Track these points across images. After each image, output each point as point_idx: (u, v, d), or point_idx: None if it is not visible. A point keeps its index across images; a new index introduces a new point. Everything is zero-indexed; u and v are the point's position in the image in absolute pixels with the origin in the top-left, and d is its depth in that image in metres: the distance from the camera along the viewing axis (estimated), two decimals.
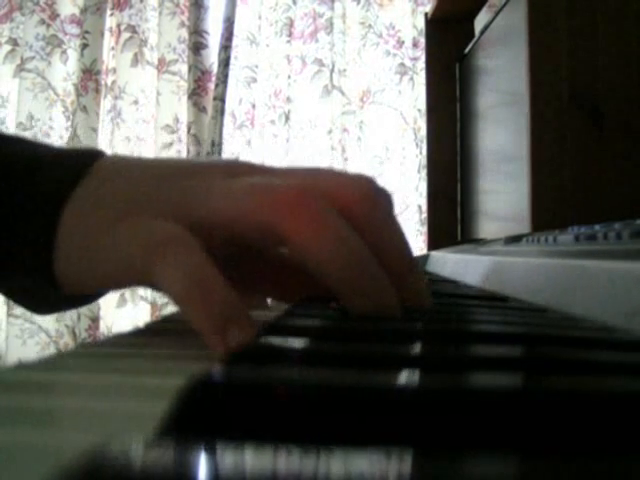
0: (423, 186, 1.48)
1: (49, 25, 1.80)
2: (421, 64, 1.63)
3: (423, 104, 1.43)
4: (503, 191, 0.89)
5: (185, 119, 1.72)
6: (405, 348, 0.18)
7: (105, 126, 1.79)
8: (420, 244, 1.59)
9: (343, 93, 1.71)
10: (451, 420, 0.11)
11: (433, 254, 0.99)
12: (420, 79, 1.63)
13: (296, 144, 1.71)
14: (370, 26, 1.71)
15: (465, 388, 0.13)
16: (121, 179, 0.28)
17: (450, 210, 1.20)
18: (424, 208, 1.44)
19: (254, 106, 1.72)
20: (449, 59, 1.20)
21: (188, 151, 1.70)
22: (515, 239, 0.61)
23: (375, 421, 0.12)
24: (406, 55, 1.71)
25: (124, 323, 1.71)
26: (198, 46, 1.70)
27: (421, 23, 1.56)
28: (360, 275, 0.25)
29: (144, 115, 1.78)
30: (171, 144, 1.74)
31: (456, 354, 0.18)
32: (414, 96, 1.68)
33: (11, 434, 0.12)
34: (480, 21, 1.16)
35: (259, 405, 0.12)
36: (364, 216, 0.27)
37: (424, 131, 1.33)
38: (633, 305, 0.25)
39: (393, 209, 0.29)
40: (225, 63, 1.65)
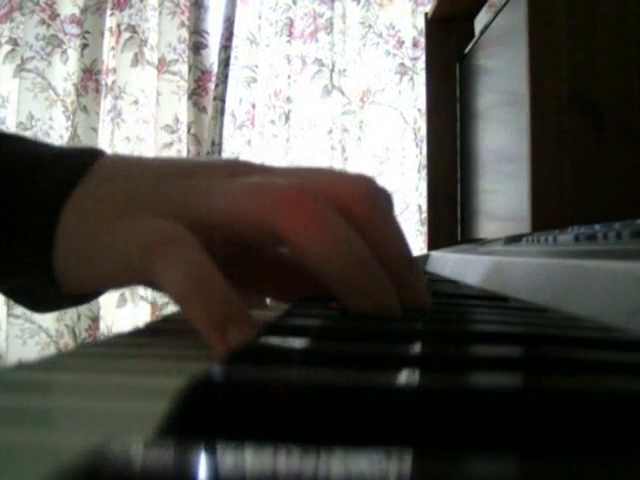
0: (423, 186, 1.48)
1: (49, 25, 1.80)
2: (421, 64, 1.63)
3: (423, 104, 1.43)
4: (503, 191, 0.89)
5: (185, 119, 1.72)
6: (405, 348, 0.18)
7: (105, 126, 1.79)
8: (420, 244, 1.59)
9: (343, 93, 1.71)
10: (451, 420, 0.11)
11: (433, 254, 0.99)
12: (420, 79, 1.63)
13: (296, 144, 1.71)
14: (370, 26, 1.71)
15: (465, 388, 0.13)
16: (121, 178, 0.28)
17: (450, 210, 1.20)
18: (424, 208, 1.44)
19: (254, 106, 1.72)
20: (449, 59, 1.20)
21: (188, 151, 1.70)
22: (515, 239, 0.61)
23: (375, 421, 0.12)
24: (406, 55, 1.71)
25: (124, 323, 1.71)
26: (198, 46, 1.70)
27: (421, 23, 1.56)
28: (360, 274, 0.25)
29: (144, 115, 1.78)
30: (171, 144, 1.74)
31: (456, 354, 0.18)
32: (414, 96, 1.68)
33: (11, 434, 0.12)
34: (480, 21, 1.16)
35: (259, 405, 0.12)
36: (364, 216, 0.27)
37: (424, 131, 1.33)
38: (633, 305, 0.25)
39: (393, 209, 0.29)
40: (225, 63, 1.66)
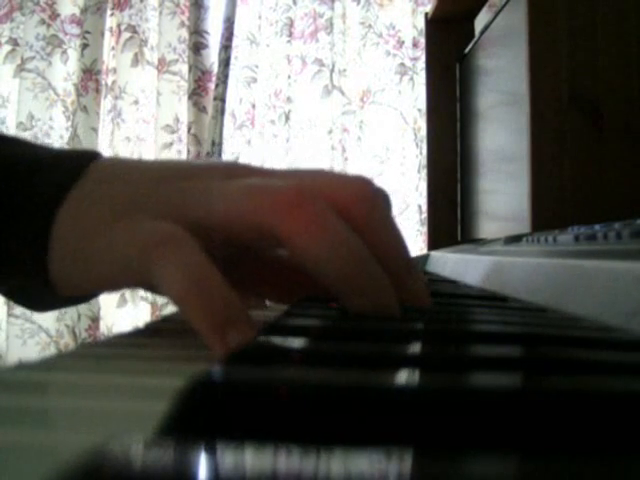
0: (423, 186, 1.48)
1: (49, 25, 1.80)
2: (421, 64, 1.63)
3: (423, 104, 1.43)
4: (503, 191, 0.89)
5: (185, 119, 1.72)
6: (405, 348, 0.18)
7: (105, 126, 1.79)
8: (420, 244, 1.59)
9: (343, 93, 1.71)
10: (451, 420, 0.11)
11: (433, 254, 0.99)
12: (420, 79, 1.63)
13: (296, 144, 1.71)
14: (370, 26, 1.71)
15: (465, 388, 0.13)
16: (118, 180, 0.28)
17: (450, 210, 1.20)
18: (424, 208, 1.44)
19: (254, 106, 1.72)
20: (449, 59, 1.20)
21: (188, 151, 1.70)
22: (515, 239, 0.61)
23: (375, 421, 0.12)
24: (406, 55, 1.71)
25: (124, 323, 1.71)
26: (198, 46, 1.70)
27: (421, 23, 1.56)
28: (359, 275, 0.25)
29: (144, 115, 1.78)
30: (171, 144, 1.74)
31: (456, 354, 0.18)
32: (414, 96, 1.68)
33: (11, 434, 0.12)
34: (480, 21, 1.16)
35: (259, 405, 0.12)
36: (362, 217, 0.27)
37: (424, 131, 1.33)
38: (633, 305, 0.25)
39: (391, 210, 0.29)
40: (225, 63, 1.65)
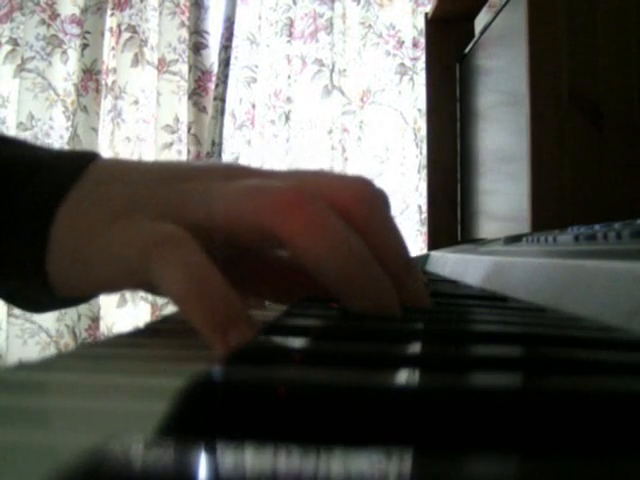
0: (423, 186, 1.48)
1: (49, 25, 1.80)
2: (421, 64, 1.63)
3: (423, 104, 1.43)
4: (503, 191, 0.89)
5: (185, 119, 1.72)
6: (405, 348, 0.18)
7: (105, 126, 1.79)
8: (420, 244, 1.59)
9: (343, 93, 1.71)
10: (451, 420, 0.11)
11: (433, 254, 0.99)
12: (420, 79, 1.63)
13: (296, 144, 1.71)
14: (370, 26, 1.71)
15: (465, 388, 0.13)
16: (116, 182, 0.28)
17: (450, 210, 1.20)
18: (424, 208, 1.44)
19: (254, 106, 1.72)
20: (449, 59, 1.20)
21: (188, 151, 1.70)
22: (515, 239, 0.61)
23: (375, 421, 0.12)
24: (406, 55, 1.71)
25: (124, 323, 1.71)
26: (198, 46, 1.70)
27: (421, 23, 1.56)
28: (360, 275, 0.25)
29: (144, 115, 1.78)
30: (171, 144, 1.74)
31: (456, 354, 0.18)
32: (414, 96, 1.68)
33: (11, 434, 0.12)
34: (480, 21, 1.16)
35: (259, 405, 0.12)
36: (362, 218, 0.27)
37: (424, 131, 1.33)
38: (633, 305, 0.25)
39: (390, 210, 0.29)
40: (225, 63, 1.65)
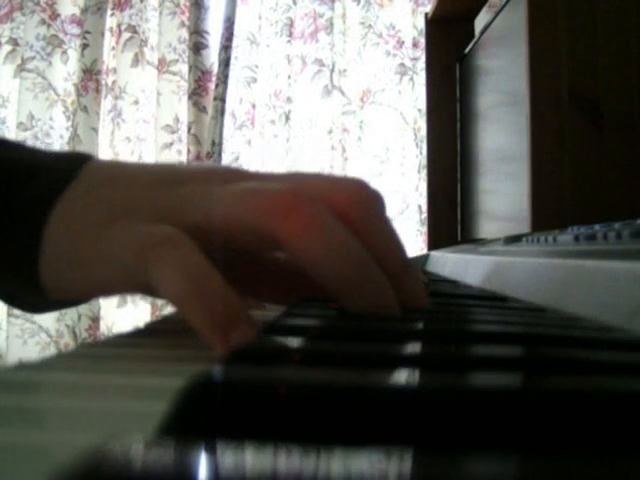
0: (423, 186, 1.48)
1: (50, 25, 1.80)
2: (421, 64, 1.63)
3: (423, 104, 1.43)
4: (503, 191, 0.89)
5: (185, 119, 1.72)
6: (405, 348, 0.18)
7: (105, 126, 1.79)
8: (420, 244, 1.59)
9: (343, 93, 1.71)
10: (451, 420, 0.11)
11: (433, 254, 0.99)
12: (420, 79, 1.63)
13: (296, 144, 1.71)
14: (370, 26, 1.71)
15: (465, 388, 0.13)
16: (112, 184, 0.28)
17: (450, 210, 1.20)
18: (424, 208, 1.44)
19: (254, 106, 1.72)
20: (449, 59, 1.20)
21: (188, 151, 1.70)
22: (515, 239, 0.61)
23: (375, 421, 0.12)
24: (406, 55, 1.70)
25: (124, 323, 1.71)
26: (198, 46, 1.70)
27: (421, 23, 1.56)
28: (359, 277, 0.25)
29: (144, 115, 1.78)
30: (171, 144, 1.74)
31: (456, 354, 0.18)
32: (414, 96, 1.68)
33: (11, 434, 0.12)
34: (480, 21, 1.16)
35: (259, 405, 0.12)
36: (360, 220, 0.27)
37: (424, 131, 1.33)
38: (633, 305, 0.25)
39: (386, 211, 0.29)
40: (225, 63, 1.65)
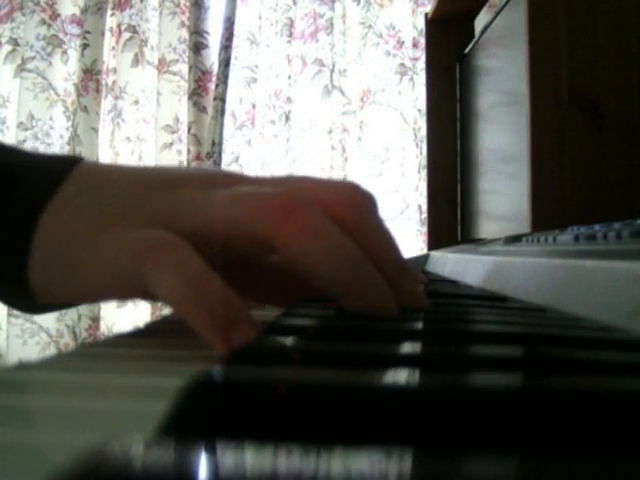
0: (423, 186, 1.48)
1: (50, 25, 1.80)
2: (421, 64, 1.62)
3: (423, 104, 1.43)
4: (503, 191, 0.89)
5: (185, 119, 1.72)
6: (405, 348, 0.18)
7: (106, 126, 1.79)
8: (420, 244, 1.59)
9: (343, 93, 1.71)
10: (451, 420, 0.11)
11: (433, 254, 0.99)
12: (420, 79, 1.63)
13: (296, 144, 1.71)
14: (370, 26, 1.71)
15: (465, 388, 0.13)
16: (103, 188, 0.27)
17: (450, 210, 1.20)
18: (424, 208, 1.44)
19: (254, 106, 1.72)
20: (449, 59, 1.20)
21: (188, 151, 1.70)
22: (515, 239, 0.61)
23: (375, 421, 0.12)
24: (406, 55, 1.70)
25: (124, 323, 1.71)
26: (198, 46, 1.70)
27: (421, 23, 1.56)
28: (357, 278, 0.25)
29: (144, 115, 1.78)
30: (171, 144, 1.74)
31: (455, 354, 0.18)
32: (414, 96, 1.68)
33: (10, 434, 0.12)
34: (480, 21, 1.16)
35: (259, 405, 0.12)
36: (354, 222, 0.27)
37: (424, 131, 1.33)
38: (633, 305, 0.25)
39: (379, 212, 0.29)
40: (225, 63, 1.65)
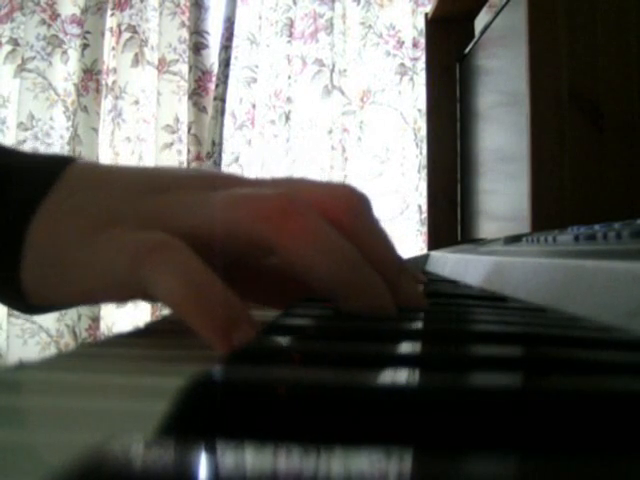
0: (423, 186, 1.48)
1: (50, 25, 1.80)
2: (421, 64, 1.62)
3: (423, 104, 1.43)
4: (503, 191, 0.89)
5: (185, 119, 1.72)
6: (405, 348, 0.18)
7: (106, 126, 1.79)
8: (420, 244, 1.59)
9: (343, 93, 1.71)
10: (451, 420, 0.11)
11: (433, 254, 0.99)
12: (420, 79, 1.63)
13: (296, 144, 1.71)
14: (370, 26, 1.71)
15: (464, 388, 0.13)
16: (97, 189, 0.27)
17: (450, 210, 1.20)
18: (424, 208, 1.44)
19: (254, 106, 1.72)
20: (449, 59, 1.20)
21: (188, 151, 1.70)
22: (515, 239, 0.61)
23: (375, 421, 0.12)
24: (406, 55, 1.70)
25: (124, 323, 1.71)
26: (198, 46, 1.70)
27: (421, 23, 1.56)
28: (356, 279, 0.25)
29: (145, 115, 1.78)
30: (171, 144, 1.74)
31: (455, 354, 0.18)
32: (414, 96, 1.68)
33: (10, 434, 0.12)
34: (480, 21, 1.16)
35: (259, 405, 0.12)
36: (352, 224, 0.27)
37: (424, 131, 1.33)
38: (633, 305, 0.25)
39: (374, 214, 0.29)
40: (225, 63, 1.65)
